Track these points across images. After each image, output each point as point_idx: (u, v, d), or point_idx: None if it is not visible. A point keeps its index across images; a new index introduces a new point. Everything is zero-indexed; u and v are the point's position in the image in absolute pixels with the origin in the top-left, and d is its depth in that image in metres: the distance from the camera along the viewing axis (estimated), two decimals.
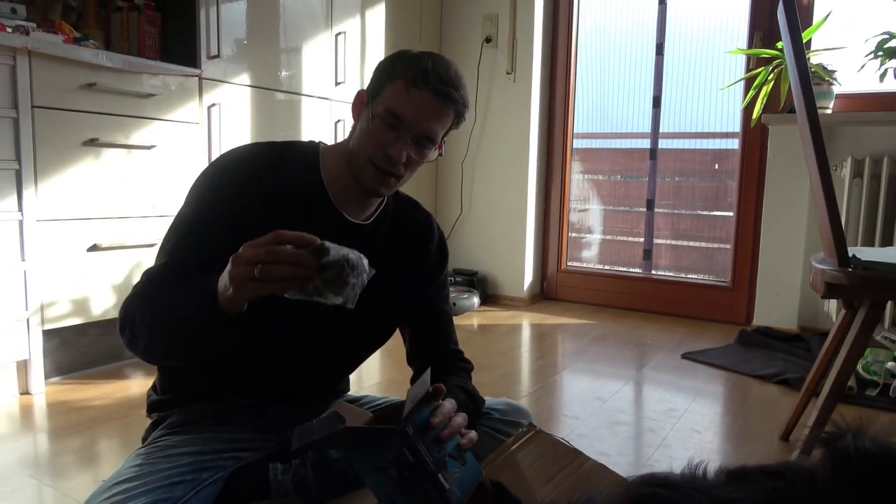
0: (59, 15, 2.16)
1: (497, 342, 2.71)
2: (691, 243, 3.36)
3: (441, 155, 1.14)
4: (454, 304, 3.12)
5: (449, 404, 0.96)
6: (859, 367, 2.12)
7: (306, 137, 2.64)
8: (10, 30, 1.77)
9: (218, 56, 2.28)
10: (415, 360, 1.29)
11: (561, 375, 2.28)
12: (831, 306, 2.74)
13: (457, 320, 2.98)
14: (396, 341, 1.32)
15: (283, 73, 2.54)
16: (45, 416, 1.78)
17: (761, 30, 2.97)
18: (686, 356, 2.50)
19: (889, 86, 2.55)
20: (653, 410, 1.94)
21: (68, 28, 2.02)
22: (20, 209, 1.83)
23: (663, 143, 3.35)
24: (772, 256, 2.95)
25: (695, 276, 3.33)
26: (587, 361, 2.44)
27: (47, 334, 1.96)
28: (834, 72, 2.70)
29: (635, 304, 3.38)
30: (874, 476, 0.69)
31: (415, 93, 1.05)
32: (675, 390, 2.12)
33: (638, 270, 3.46)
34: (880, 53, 2.35)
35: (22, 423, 1.74)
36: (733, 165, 3.17)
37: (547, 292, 3.63)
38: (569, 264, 3.62)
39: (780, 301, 2.94)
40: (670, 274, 3.39)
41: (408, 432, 0.86)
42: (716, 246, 3.29)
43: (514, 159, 3.43)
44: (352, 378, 1.40)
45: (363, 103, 1.11)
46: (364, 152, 1.08)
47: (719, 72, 3.16)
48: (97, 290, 2.05)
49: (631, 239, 3.50)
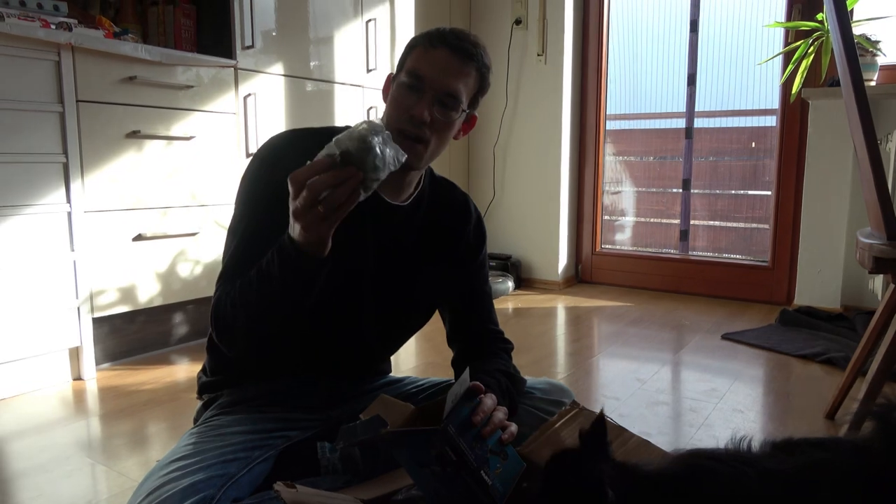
0: (99, 10, 2.21)
1: (533, 325, 2.72)
2: (729, 223, 3.30)
3: (469, 114, 1.10)
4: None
5: (489, 400, 0.96)
6: None
7: (340, 124, 2.67)
8: (54, 26, 1.82)
9: (252, 46, 2.31)
10: (455, 342, 1.30)
11: (598, 357, 2.27)
12: (876, 284, 2.67)
13: None
14: (432, 326, 1.33)
15: (315, 62, 2.56)
16: (97, 401, 1.84)
17: (800, 2, 2.88)
18: (726, 337, 2.47)
19: None
20: (693, 391, 1.92)
21: (108, 23, 2.07)
22: (68, 201, 1.89)
23: (699, 122, 3.29)
24: (813, 234, 2.89)
25: (733, 256, 3.27)
26: (624, 344, 2.43)
27: (97, 322, 2.03)
28: (878, 42, 2.62)
29: (672, 286, 3.34)
30: None
31: (432, 51, 1.07)
32: (716, 371, 2.10)
33: (674, 251, 3.42)
34: None
35: (76, 407, 1.80)
36: (771, 143, 3.11)
37: (582, 275, 3.61)
38: (603, 247, 3.59)
39: (822, 279, 2.88)
40: (708, 254, 3.34)
41: (449, 431, 0.87)
42: (754, 226, 3.23)
43: (547, 142, 3.41)
44: (392, 361, 1.42)
45: (390, 77, 1.13)
46: (391, 119, 1.09)
47: (756, 47, 3.09)
48: (143, 278, 2.11)
49: (666, 220, 3.46)
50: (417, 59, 1.08)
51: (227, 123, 2.29)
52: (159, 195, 2.13)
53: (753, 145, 3.20)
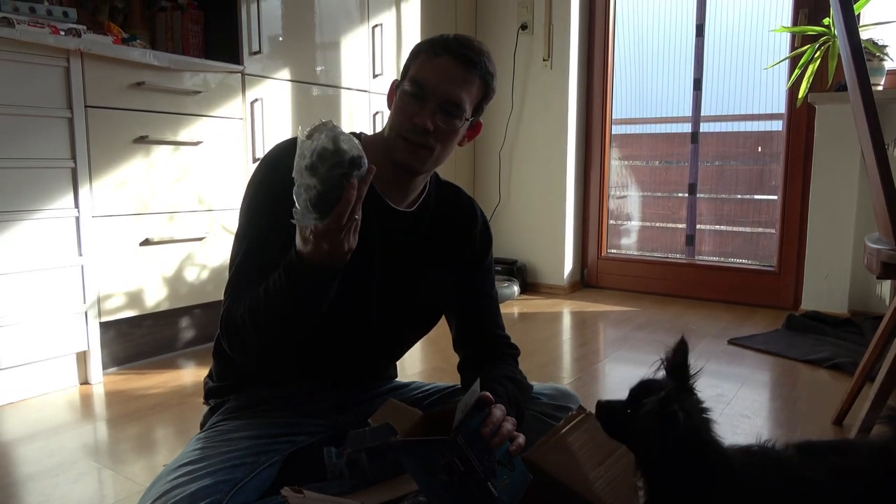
0: (107, 16, 2.23)
1: (538, 330, 2.71)
2: (735, 228, 3.29)
3: (473, 121, 1.10)
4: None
5: (499, 412, 0.96)
6: None
7: (346, 130, 2.68)
8: (63, 32, 1.83)
9: (259, 52, 2.32)
10: (461, 346, 1.30)
11: (604, 362, 2.27)
12: (883, 289, 2.66)
13: None
14: (438, 331, 1.33)
15: (322, 67, 2.57)
16: (104, 405, 1.85)
17: (806, 6, 2.88)
18: (733, 342, 2.46)
19: None
20: (700, 396, 1.91)
21: (117, 29, 2.08)
22: (76, 206, 1.90)
23: (705, 127, 3.28)
24: (820, 239, 2.88)
25: (739, 261, 3.26)
26: (630, 348, 2.42)
27: (104, 326, 2.04)
28: (885, 47, 2.61)
29: (678, 291, 3.33)
30: None
31: (435, 60, 1.07)
32: (723, 376, 2.09)
33: (680, 256, 3.41)
34: None
35: (83, 411, 1.81)
36: (778, 147, 3.10)
37: (587, 280, 3.61)
38: (609, 251, 3.59)
39: (829, 285, 2.87)
40: (714, 259, 3.33)
41: (458, 443, 0.87)
42: (760, 230, 3.22)
43: (552, 147, 3.41)
44: (397, 367, 1.42)
45: (394, 85, 1.14)
46: (394, 127, 1.10)
47: (762, 51, 3.08)
48: (150, 283, 2.12)
49: (672, 225, 3.45)
50: (421, 68, 1.08)
51: (234, 129, 2.30)
52: (166, 200, 2.14)
53: (760, 150, 3.20)
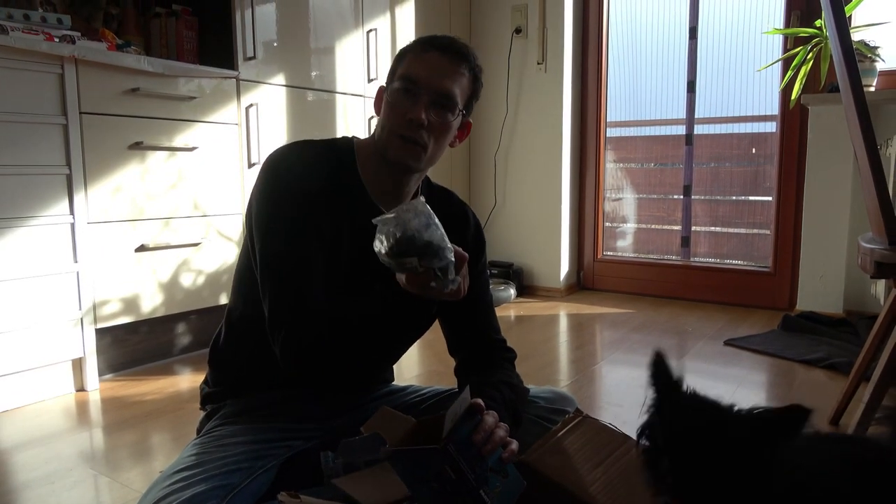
0: (102, 23, 2.23)
1: (535, 332, 2.71)
2: (730, 229, 3.30)
3: (466, 118, 1.12)
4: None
5: (490, 419, 0.95)
6: None
7: (341, 134, 2.68)
8: (58, 39, 1.83)
9: (254, 57, 2.32)
10: (457, 351, 1.29)
11: (601, 364, 2.27)
12: (878, 289, 2.67)
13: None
14: (435, 334, 1.33)
15: (317, 72, 2.57)
16: (100, 412, 1.84)
17: (798, 8, 2.90)
18: (729, 343, 2.47)
19: None
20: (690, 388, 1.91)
21: (111, 35, 2.09)
22: (71, 212, 1.90)
23: (699, 129, 3.29)
24: (815, 240, 2.89)
25: (735, 262, 3.27)
26: (627, 350, 2.43)
27: (100, 333, 2.03)
28: (877, 48, 2.63)
29: (674, 292, 3.34)
30: None
31: (424, 56, 1.09)
32: (719, 377, 2.10)
33: (676, 258, 3.42)
34: None
35: (79, 418, 1.80)
36: (772, 149, 3.11)
37: (584, 282, 3.61)
38: (605, 254, 3.59)
39: (824, 285, 2.88)
40: (710, 260, 3.34)
41: (450, 451, 0.86)
42: (755, 231, 3.23)
43: (547, 150, 3.42)
44: (394, 370, 1.42)
45: (382, 89, 1.15)
46: (386, 125, 1.10)
47: (755, 53, 3.10)
48: (146, 289, 2.11)
49: (667, 227, 3.46)
50: (410, 65, 1.09)
51: (230, 134, 2.30)
52: (162, 206, 2.13)
53: (754, 151, 3.21)
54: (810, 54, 2.60)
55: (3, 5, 1.85)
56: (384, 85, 1.14)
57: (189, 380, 2.09)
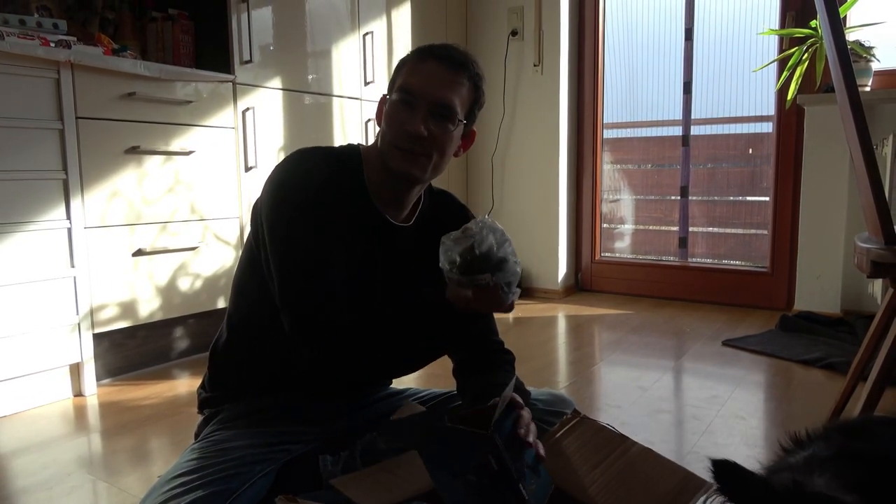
0: (98, 28, 2.23)
1: (534, 334, 2.71)
2: (727, 230, 3.31)
3: (468, 128, 1.12)
4: None
5: (527, 414, 0.96)
6: None
7: (338, 137, 2.69)
8: (53, 44, 1.83)
9: (250, 61, 2.32)
10: (456, 351, 1.29)
11: (600, 366, 2.27)
12: (875, 288, 2.67)
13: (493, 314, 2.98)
14: None
15: (313, 76, 2.58)
16: (98, 417, 1.84)
17: (793, 9, 2.91)
18: (727, 343, 2.47)
19: None
20: (695, 398, 1.92)
21: (107, 40, 2.08)
22: (68, 217, 1.89)
23: (695, 130, 3.30)
24: (812, 240, 2.89)
25: (732, 263, 3.28)
26: (625, 351, 2.43)
27: (97, 338, 2.03)
28: (872, 48, 2.63)
29: (672, 293, 3.34)
30: None
31: (421, 66, 1.08)
32: (717, 377, 2.10)
33: (674, 259, 3.43)
34: None
35: (77, 423, 1.80)
36: (768, 149, 3.12)
37: (581, 284, 3.61)
38: (603, 255, 3.60)
39: (821, 285, 2.88)
40: (707, 261, 3.34)
41: (496, 440, 0.85)
42: (753, 231, 3.23)
43: (544, 152, 3.42)
44: None
45: (382, 100, 1.14)
46: (386, 137, 1.10)
47: (751, 54, 3.10)
48: (143, 293, 2.11)
49: (665, 228, 3.46)
50: (408, 75, 1.09)
51: (227, 138, 2.30)
52: (159, 210, 2.13)
53: (751, 152, 3.22)
54: (806, 55, 2.61)
55: None
56: (385, 94, 1.14)
57: (187, 384, 2.09)
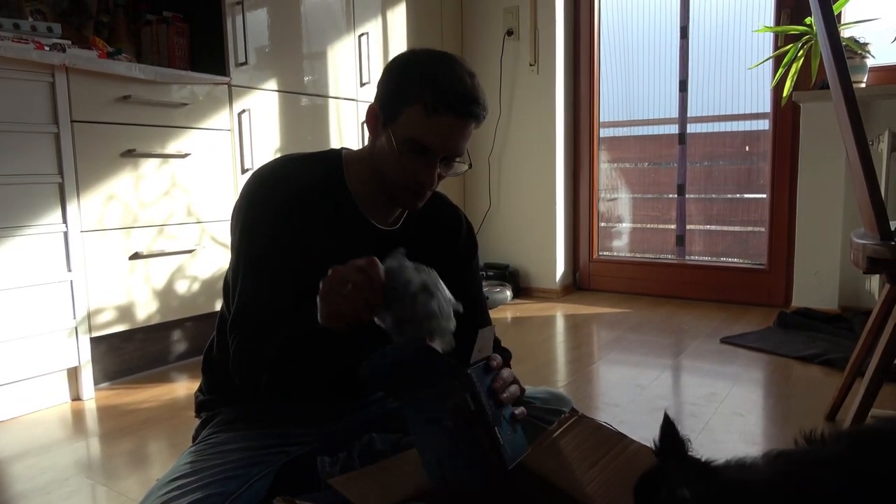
0: (92, 31, 2.22)
1: (532, 334, 2.72)
2: (725, 227, 3.31)
3: (471, 167, 1.13)
4: (487, 299, 3.13)
5: (507, 372, 0.96)
6: None
7: (334, 138, 2.69)
8: (48, 48, 1.83)
9: (245, 63, 2.32)
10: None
11: (598, 364, 2.27)
12: (873, 284, 2.68)
13: (490, 314, 2.98)
14: None
15: (309, 77, 2.57)
16: (96, 421, 1.83)
17: (788, 6, 2.91)
18: (725, 340, 2.47)
19: None
20: (694, 396, 1.92)
21: (102, 43, 2.08)
22: (64, 221, 1.89)
23: (692, 128, 3.30)
24: (809, 236, 2.90)
25: (730, 260, 3.28)
26: (624, 350, 2.43)
27: (95, 342, 2.02)
28: (867, 44, 2.64)
29: (670, 291, 3.34)
30: None
31: (436, 119, 1.01)
32: (716, 375, 2.10)
33: (671, 257, 3.43)
34: None
35: (75, 427, 1.80)
36: (764, 146, 3.12)
37: (580, 283, 3.62)
38: (600, 254, 3.60)
39: (819, 281, 2.88)
40: (705, 259, 3.35)
41: (472, 377, 0.86)
42: (750, 229, 3.24)
43: (541, 151, 3.42)
44: None
45: (377, 118, 1.07)
46: (395, 177, 1.07)
47: (746, 52, 3.11)
48: (141, 296, 2.11)
49: (662, 226, 3.46)
50: (420, 128, 1.01)
51: (222, 140, 2.30)
52: (156, 213, 2.13)
53: (747, 149, 3.22)
54: (801, 52, 2.61)
55: None
56: (376, 106, 1.07)
57: (185, 387, 2.08)
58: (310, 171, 1.11)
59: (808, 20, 2.62)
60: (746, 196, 3.23)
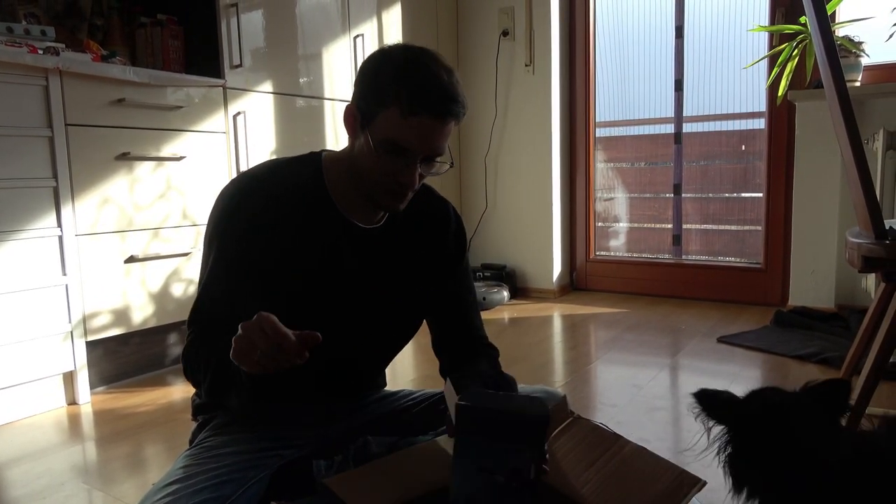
0: (87, 34, 2.22)
1: (529, 334, 2.71)
2: (721, 226, 3.31)
3: (452, 165, 1.10)
4: (483, 299, 3.13)
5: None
6: None
7: (330, 140, 2.69)
8: (42, 51, 1.82)
9: (240, 65, 2.31)
10: (441, 351, 1.27)
11: (595, 364, 2.27)
12: (869, 283, 2.68)
13: (487, 315, 2.99)
14: (427, 338, 1.32)
15: (305, 79, 2.57)
16: (92, 425, 1.83)
17: (783, 5, 2.92)
18: (722, 340, 2.48)
19: None
20: (691, 395, 1.92)
21: (96, 46, 2.08)
22: (59, 225, 1.89)
23: (688, 127, 3.31)
24: (805, 235, 2.90)
25: (726, 259, 3.28)
26: (621, 350, 2.43)
27: (90, 345, 2.02)
28: (861, 43, 2.64)
29: (667, 291, 3.35)
30: None
31: (413, 120, 0.97)
32: (713, 374, 2.10)
33: (668, 256, 3.43)
34: None
35: (71, 432, 1.79)
36: (760, 145, 3.13)
37: (576, 283, 3.62)
38: (597, 254, 3.60)
39: (815, 280, 2.89)
40: (701, 258, 3.35)
41: (546, 453, 0.88)
42: (746, 228, 3.24)
43: (537, 151, 3.42)
44: (387, 374, 1.41)
45: (354, 119, 1.05)
46: (374, 178, 1.04)
47: (741, 51, 3.11)
48: (136, 300, 2.10)
49: (659, 225, 3.47)
50: (397, 129, 0.98)
51: (218, 142, 2.30)
52: (151, 216, 2.13)
53: (743, 148, 3.22)
54: (796, 51, 2.61)
55: None
56: (354, 106, 1.04)
57: (182, 390, 2.08)
58: (287, 174, 1.10)
59: (802, 19, 2.63)
60: (743, 195, 3.24)
